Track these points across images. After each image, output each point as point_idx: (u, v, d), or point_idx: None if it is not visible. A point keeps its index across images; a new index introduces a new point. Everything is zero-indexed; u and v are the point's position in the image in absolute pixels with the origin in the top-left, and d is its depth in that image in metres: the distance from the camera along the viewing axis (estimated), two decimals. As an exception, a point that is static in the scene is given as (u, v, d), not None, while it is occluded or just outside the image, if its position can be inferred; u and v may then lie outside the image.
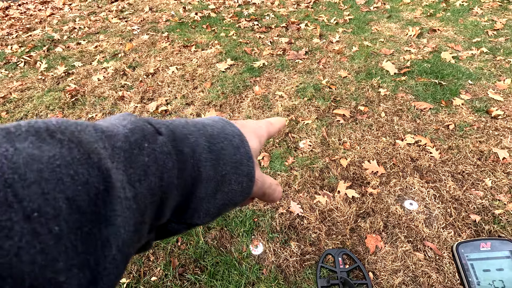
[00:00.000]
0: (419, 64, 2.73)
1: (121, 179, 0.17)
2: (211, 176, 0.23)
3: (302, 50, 3.10)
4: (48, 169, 0.14)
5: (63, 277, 0.13)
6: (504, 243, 0.36)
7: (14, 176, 0.12)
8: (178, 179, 0.21)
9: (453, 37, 3.18)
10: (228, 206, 0.24)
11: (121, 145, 0.18)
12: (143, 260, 1.48)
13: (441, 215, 1.57)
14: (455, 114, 2.18)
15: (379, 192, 1.70)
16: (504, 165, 1.78)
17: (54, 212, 0.13)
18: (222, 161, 0.23)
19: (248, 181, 0.25)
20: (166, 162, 0.20)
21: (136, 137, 0.19)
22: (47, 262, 0.13)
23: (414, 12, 3.83)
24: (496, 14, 3.58)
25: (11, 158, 0.13)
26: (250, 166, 0.25)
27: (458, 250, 0.37)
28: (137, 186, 0.18)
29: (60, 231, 0.13)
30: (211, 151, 0.23)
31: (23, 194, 0.12)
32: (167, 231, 0.23)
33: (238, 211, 1.64)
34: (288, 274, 1.40)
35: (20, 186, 0.13)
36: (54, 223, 0.13)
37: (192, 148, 0.22)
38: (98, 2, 5.24)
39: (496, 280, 0.34)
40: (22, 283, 0.12)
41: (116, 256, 0.16)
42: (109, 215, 0.16)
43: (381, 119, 2.18)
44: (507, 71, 2.55)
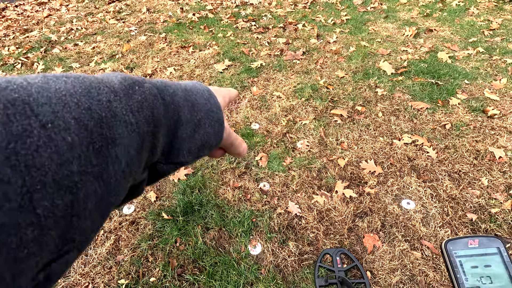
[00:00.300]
0: (416, 64, 2.74)
1: (125, 108, 0.20)
2: (189, 119, 0.27)
3: (300, 50, 3.11)
4: (55, 96, 0.17)
5: (77, 177, 0.16)
6: (491, 240, 0.37)
7: (29, 98, 0.16)
8: (164, 118, 0.24)
9: (449, 37, 3.20)
10: (205, 147, 0.29)
11: (119, 86, 0.21)
12: (142, 261, 1.48)
13: (438, 214, 1.58)
14: (452, 114, 2.19)
15: (376, 191, 1.71)
16: (500, 164, 1.80)
17: (65, 125, 0.16)
18: (196, 108, 0.28)
19: (219, 126, 0.29)
20: (154, 102, 0.23)
21: (128, 82, 0.22)
22: (62, 162, 0.16)
23: (411, 12, 3.85)
24: (492, 14, 3.61)
25: (25, 87, 0.16)
26: (219, 114, 0.29)
27: (446, 247, 0.37)
28: (137, 115, 0.21)
29: (72, 140, 0.16)
30: (187, 100, 0.28)
31: (37, 110, 0.16)
32: (156, 174, 0.27)
33: (236, 211, 1.65)
34: (287, 273, 1.40)
35: (35, 104, 0.16)
36: (66, 134, 0.16)
37: (171, 96, 0.26)
38: (95, 3, 5.23)
39: (484, 276, 0.35)
40: (46, 174, 0.15)
41: (125, 170, 0.20)
42: (116, 137, 0.19)
43: (378, 119, 2.19)
44: (503, 71, 2.57)
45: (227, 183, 1.81)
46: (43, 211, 0.15)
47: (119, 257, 1.50)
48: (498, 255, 0.36)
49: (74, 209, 0.16)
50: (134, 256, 1.49)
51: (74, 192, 0.16)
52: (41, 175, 0.15)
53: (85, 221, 0.17)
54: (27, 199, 0.14)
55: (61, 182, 0.15)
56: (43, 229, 0.15)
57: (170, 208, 1.69)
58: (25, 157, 0.14)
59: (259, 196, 1.72)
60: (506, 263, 0.36)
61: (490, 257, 0.36)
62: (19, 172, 0.14)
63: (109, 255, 1.51)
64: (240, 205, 1.69)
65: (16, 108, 0.15)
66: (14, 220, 0.14)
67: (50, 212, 0.15)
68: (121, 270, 1.44)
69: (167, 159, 0.26)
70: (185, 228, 1.59)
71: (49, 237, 0.15)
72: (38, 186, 0.14)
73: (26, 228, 0.14)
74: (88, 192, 0.17)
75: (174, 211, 1.67)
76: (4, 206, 0.13)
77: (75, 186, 0.16)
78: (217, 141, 0.30)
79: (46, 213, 0.15)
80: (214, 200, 1.71)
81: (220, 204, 1.69)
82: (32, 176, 0.14)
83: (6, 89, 0.15)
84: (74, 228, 0.17)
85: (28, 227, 0.14)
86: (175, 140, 0.26)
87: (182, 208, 1.67)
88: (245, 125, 2.22)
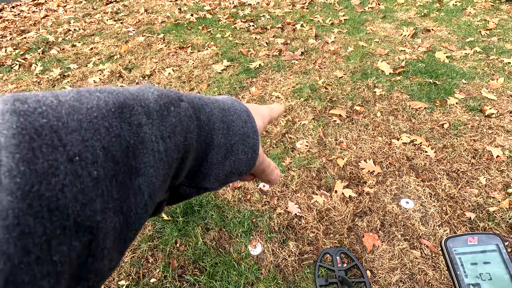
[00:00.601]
0: (413, 64, 2.75)
1: (155, 134, 0.19)
2: (222, 144, 0.25)
3: (298, 50, 3.12)
4: (86, 119, 0.15)
5: (99, 216, 0.15)
6: (491, 237, 0.38)
7: (58, 123, 0.14)
8: (196, 142, 0.23)
9: (447, 37, 3.21)
10: (234, 174, 0.27)
11: (153, 106, 0.20)
12: (142, 262, 1.48)
13: (437, 213, 1.59)
14: (450, 113, 2.20)
15: (375, 191, 1.72)
16: (497, 163, 1.81)
17: (93, 158, 0.15)
18: (232, 131, 0.26)
19: (253, 153, 0.27)
20: (189, 125, 0.22)
21: (164, 101, 0.21)
22: (86, 201, 0.14)
23: (408, 12, 3.87)
24: (488, 14, 3.63)
25: (55, 108, 0.15)
26: (255, 139, 0.27)
27: (446, 245, 0.38)
28: (167, 141, 0.19)
29: (97, 175, 0.15)
30: (223, 121, 0.25)
31: (66, 139, 0.14)
32: (178, 195, 0.25)
33: (236, 211, 1.65)
34: (287, 273, 1.41)
35: (64, 132, 0.14)
36: (93, 168, 0.15)
37: (207, 117, 0.24)
38: (92, 3, 5.22)
39: (483, 273, 0.36)
40: (68, 217, 0.13)
41: (147, 202, 0.18)
42: (140, 166, 0.17)
43: (377, 119, 2.20)
44: (500, 70, 2.59)
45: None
46: (60, 257, 0.13)
47: (119, 258, 1.49)
48: (497, 252, 0.37)
49: (91, 250, 0.15)
50: (134, 257, 1.50)
51: (94, 232, 0.15)
52: (63, 219, 0.13)
53: (102, 261, 0.16)
54: (46, 248, 0.13)
55: (82, 224, 0.14)
56: (58, 276, 0.13)
57: (170, 209, 1.69)
58: (48, 200, 0.13)
59: (259, 197, 1.73)
60: (505, 259, 0.37)
61: (489, 254, 0.37)
62: (40, 219, 0.12)
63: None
64: (240, 205, 1.69)
65: (43, 138, 0.13)
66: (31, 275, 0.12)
67: (66, 257, 0.14)
68: (121, 271, 1.44)
69: (191, 182, 0.25)
70: (185, 229, 1.59)
71: (63, 281, 0.14)
72: (58, 231, 0.13)
73: (41, 279, 0.13)
74: (108, 229, 0.16)
75: (174, 212, 1.67)
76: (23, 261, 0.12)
77: (96, 226, 0.15)
78: (248, 168, 0.28)
79: (62, 259, 0.13)
80: (214, 201, 1.71)
81: (220, 204, 1.70)
82: (53, 221, 0.13)
83: (34, 113, 0.14)
84: (89, 269, 0.15)
85: (44, 278, 0.13)
86: (203, 164, 0.24)
87: (182, 209, 1.67)
88: (244, 125, 2.23)
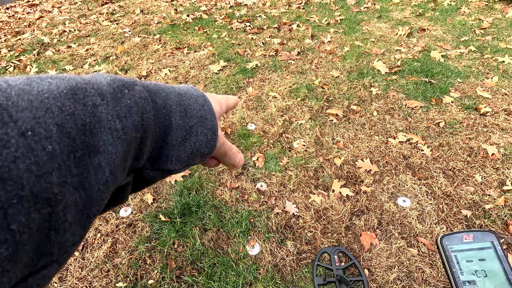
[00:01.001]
0: (409, 63, 2.77)
1: (111, 113, 0.19)
2: (180, 125, 0.26)
3: (294, 50, 3.12)
4: (37, 100, 0.16)
5: (56, 189, 0.15)
6: (486, 234, 0.38)
7: (8, 102, 0.14)
8: (154, 123, 0.23)
9: (442, 36, 3.24)
10: (196, 156, 0.28)
11: (107, 88, 0.20)
12: (140, 263, 1.47)
13: (434, 211, 1.60)
14: (445, 112, 2.22)
15: (372, 190, 1.73)
16: (493, 161, 1.82)
17: (46, 133, 0.15)
18: (189, 113, 0.27)
19: (212, 134, 0.28)
20: (144, 106, 0.22)
21: (117, 84, 0.21)
22: (41, 173, 0.14)
23: (404, 12, 3.89)
24: (482, 13, 3.66)
25: (5, 90, 0.15)
26: (213, 121, 0.28)
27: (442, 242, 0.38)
28: (124, 120, 0.20)
29: (53, 150, 0.15)
30: (180, 105, 0.26)
31: (16, 116, 0.14)
32: (143, 180, 0.26)
33: (234, 212, 1.65)
34: (285, 273, 1.41)
35: (14, 110, 0.14)
36: (47, 142, 0.15)
37: (163, 100, 0.25)
38: (88, 4, 5.19)
39: (479, 270, 0.36)
40: (23, 187, 0.14)
41: (109, 178, 0.19)
42: (99, 144, 0.18)
43: (373, 118, 2.21)
44: (495, 69, 2.62)
45: (224, 184, 1.81)
46: (18, 226, 0.13)
47: (116, 260, 1.49)
48: (492, 249, 0.37)
49: (52, 223, 0.15)
50: (132, 259, 1.49)
51: (52, 204, 0.15)
52: (18, 188, 0.13)
53: (64, 234, 0.16)
54: (2, 215, 0.13)
55: (39, 195, 0.14)
56: (17, 245, 0.14)
57: (167, 210, 1.69)
58: (1, 169, 0.13)
59: (257, 197, 1.73)
60: (500, 256, 0.37)
61: (485, 251, 0.37)
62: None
63: (107, 258, 1.50)
64: (237, 205, 1.69)
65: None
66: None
67: (25, 227, 0.14)
68: (118, 273, 1.44)
69: (153, 165, 0.25)
70: (183, 230, 1.59)
71: (24, 252, 0.14)
72: (14, 200, 0.13)
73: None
74: (68, 203, 0.16)
75: (172, 212, 1.67)
76: None
77: (54, 198, 0.15)
78: (209, 150, 0.28)
79: (21, 228, 0.13)
80: (211, 201, 1.71)
81: (218, 205, 1.70)
82: (7, 190, 0.13)
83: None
84: (51, 242, 0.16)
85: (1, 245, 0.13)
86: (164, 146, 0.25)
87: (179, 209, 1.67)
88: (241, 125, 2.23)
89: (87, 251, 1.53)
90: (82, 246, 1.55)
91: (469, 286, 0.36)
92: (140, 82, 0.24)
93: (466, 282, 0.36)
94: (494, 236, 0.38)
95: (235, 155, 0.33)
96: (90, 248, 1.55)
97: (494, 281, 0.36)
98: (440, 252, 0.38)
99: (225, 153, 0.32)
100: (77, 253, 1.52)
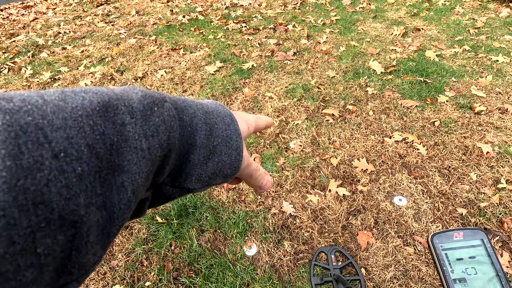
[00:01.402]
0: (404, 63, 2.79)
1: (138, 133, 0.19)
2: (204, 145, 0.25)
3: (290, 51, 3.13)
4: (71, 118, 0.16)
5: (83, 211, 0.15)
6: (475, 232, 0.38)
7: (43, 121, 0.14)
8: (179, 142, 0.23)
9: (436, 36, 3.26)
10: (218, 177, 0.27)
11: (137, 106, 0.20)
12: (137, 265, 1.47)
13: (429, 209, 1.61)
14: (440, 111, 2.24)
15: (369, 189, 1.73)
16: (488, 159, 1.84)
17: (77, 154, 0.15)
18: (214, 133, 0.26)
19: (237, 155, 0.27)
20: (172, 124, 0.22)
21: (148, 101, 0.21)
22: (70, 196, 0.15)
23: (399, 12, 3.91)
24: (476, 13, 3.69)
25: (40, 107, 0.15)
26: (239, 141, 0.27)
27: (433, 241, 0.39)
28: (150, 140, 0.20)
29: (82, 171, 0.15)
30: (206, 123, 0.26)
31: (51, 136, 0.14)
32: (161, 195, 0.25)
33: (231, 212, 1.65)
34: (282, 273, 1.41)
35: (49, 130, 0.14)
36: (77, 164, 0.15)
37: (190, 118, 0.25)
38: (83, 6, 5.17)
39: (469, 268, 0.37)
40: (52, 211, 0.14)
41: (131, 198, 0.19)
42: (124, 164, 0.18)
43: (369, 118, 2.22)
44: (489, 68, 2.64)
45: (221, 184, 1.81)
46: (44, 250, 0.14)
47: (113, 263, 1.48)
48: (482, 247, 0.38)
49: (74, 243, 0.15)
50: (129, 261, 1.48)
51: (77, 226, 0.15)
52: (48, 212, 0.14)
53: (86, 255, 0.16)
54: (30, 240, 0.13)
55: (66, 218, 0.14)
56: (42, 267, 0.14)
57: (164, 212, 1.68)
58: (33, 194, 0.13)
59: (254, 197, 1.73)
60: (490, 254, 0.37)
61: (475, 249, 0.38)
62: (25, 212, 0.13)
63: (103, 260, 1.49)
64: (234, 206, 1.69)
65: (29, 135, 0.14)
66: (15, 265, 0.13)
67: (50, 249, 0.14)
68: (115, 275, 1.43)
69: (173, 182, 0.25)
70: (180, 231, 1.58)
71: (47, 273, 0.14)
72: (43, 224, 0.13)
73: (26, 270, 0.13)
74: (92, 224, 0.16)
75: (168, 214, 1.66)
76: (8, 252, 0.12)
77: (80, 220, 0.15)
78: (233, 171, 0.28)
79: (46, 251, 0.14)
80: (208, 202, 1.71)
81: (215, 206, 1.69)
82: (38, 214, 0.13)
83: (19, 111, 0.14)
84: (72, 262, 0.16)
85: (28, 269, 0.13)
86: (185, 164, 0.25)
87: (176, 211, 1.66)
88: (238, 126, 2.23)
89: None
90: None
91: (459, 284, 0.36)
92: (169, 98, 0.24)
93: (457, 280, 0.37)
94: (484, 234, 0.39)
95: (262, 176, 0.32)
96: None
97: (484, 278, 0.37)
98: (431, 250, 0.39)
99: (250, 175, 0.31)
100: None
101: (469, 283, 0.36)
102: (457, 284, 0.36)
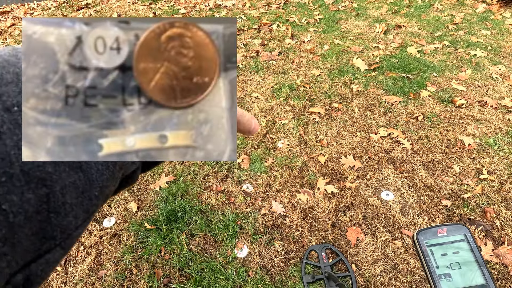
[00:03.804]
0: (387, 60, 2.84)
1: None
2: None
3: (275, 51, 3.14)
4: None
5: (50, 168, 0.15)
6: (458, 227, 0.39)
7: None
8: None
9: (417, 32, 3.33)
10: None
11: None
12: (126, 274, 1.43)
13: (416, 203, 1.64)
14: (423, 106, 2.28)
15: (356, 185, 1.75)
16: (469, 151, 1.89)
17: None
18: None
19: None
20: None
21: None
22: None
23: (380, 9, 3.98)
24: (454, 9, 3.80)
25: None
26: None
27: (418, 238, 0.39)
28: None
29: None
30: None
31: (1, 90, 0.14)
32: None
33: (221, 215, 1.64)
34: (274, 273, 1.41)
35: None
36: None
37: None
38: (62, 10, 5.03)
39: (453, 263, 0.37)
40: (11, 165, 0.13)
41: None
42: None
43: (355, 115, 2.25)
44: (468, 62, 2.72)
45: (209, 187, 1.80)
46: (10, 206, 0.13)
47: (101, 272, 1.45)
48: (465, 242, 0.38)
49: (50, 204, 0.15)
50: (118, 270, 1.45)
51: (48, 184, 0.14)
52: (6, 166, 0.13)
53: (65, 217, 0.16)
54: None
55: (31, 174, 0.14)
56: (13, 227, 0.13)
57: (153, 217, 1.65)
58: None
59: (243, 198, 1.72)
60: (473, 248, 0.38)
61: (458, 244, 0.38)
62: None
63: (91, 271, 1.45)
64: (224, 208, 1.68)
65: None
66: None
67: (19, 207, 0.13)
68: (104, 285, 1.40)
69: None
70: (169, 237, 1.56)
71: (22, 235, 0.14)
72: (3, 178, 0.13)
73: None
74: (66, 184, 0.15)
75: (157, 220, 1.64)
76: None
77: (49, 178, 0.14)
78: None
79: (14, 209, 0.13)
80: (197, 206, 1.69)
81: (204, 209, 1.68)
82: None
83: None
84: (52, 225, 0.15)
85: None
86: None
87: (165, 216, 1.64)
88: (225, 128, 2.21)
89: (70, 265, 1.48)
90: (65, 260, 1.50)
91: (444, 279, 0.37)
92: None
93: (442, 275, 0.37)
94: (466, 228, 0.39)
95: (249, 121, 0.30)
96: (74, 261, 1.49)
97: (467, 272, 0.37)
98: (416, 247, 0.39)
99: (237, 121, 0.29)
100: (60, 268, 1.46)
101: (454, 277, 0.37)
102: (442, 280, 0.37)
